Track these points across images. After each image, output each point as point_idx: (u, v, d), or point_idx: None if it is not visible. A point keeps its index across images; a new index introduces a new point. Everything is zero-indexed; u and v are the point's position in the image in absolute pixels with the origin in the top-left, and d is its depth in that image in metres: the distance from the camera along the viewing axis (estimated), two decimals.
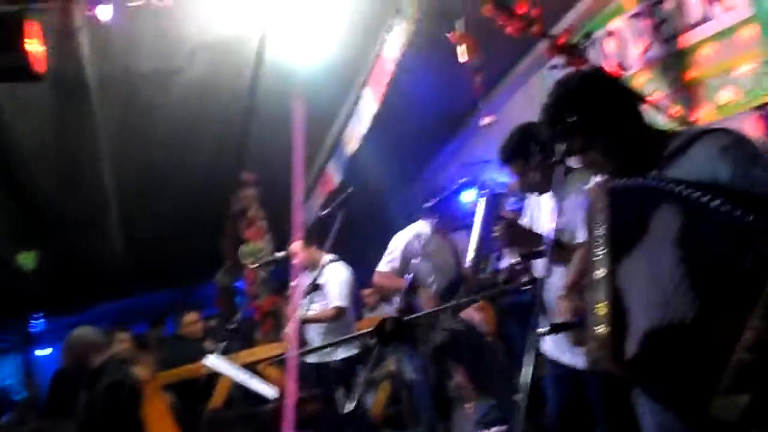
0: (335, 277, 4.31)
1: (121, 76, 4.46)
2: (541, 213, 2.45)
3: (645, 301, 1.43)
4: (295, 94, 4.79)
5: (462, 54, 3.96)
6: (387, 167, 5.98)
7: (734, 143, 1.46)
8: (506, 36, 4.05)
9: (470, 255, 2.43)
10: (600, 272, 1.52)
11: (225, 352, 3.79)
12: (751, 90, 4.09)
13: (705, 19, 4.21)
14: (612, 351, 1.48)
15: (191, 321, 5.49)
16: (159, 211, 6.25)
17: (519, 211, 2.71)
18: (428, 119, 5.90)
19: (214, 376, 4.55)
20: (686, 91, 4.47)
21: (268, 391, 3.57)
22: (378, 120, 5.16)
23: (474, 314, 3.69)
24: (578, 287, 1.63)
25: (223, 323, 6.36)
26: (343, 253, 4.24)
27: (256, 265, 5.49)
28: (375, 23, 4.54)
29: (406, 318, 1.87)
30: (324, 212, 3.36)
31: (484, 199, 2.54)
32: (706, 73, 4.34)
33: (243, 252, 6.16)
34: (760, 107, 4.07)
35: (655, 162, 1.54)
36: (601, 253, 1.53)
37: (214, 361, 3.61)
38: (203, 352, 4.44)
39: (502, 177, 6.39)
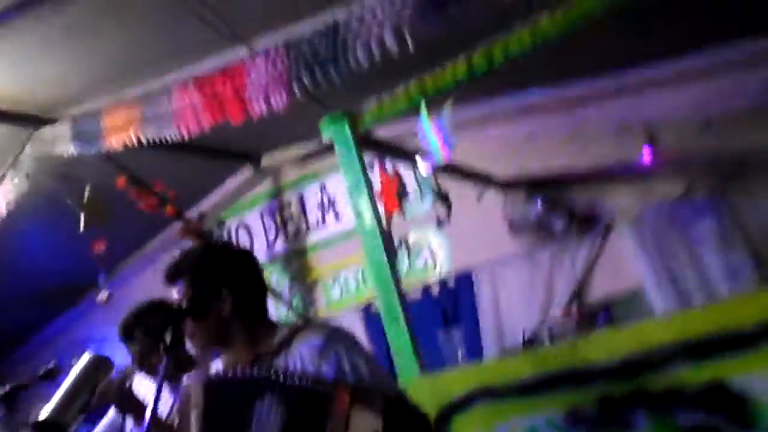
0: None
1: None
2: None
3: None
4: None
5: (83, 222, 3.65)
6: None
7: (335, 338, 1.56)
8: (138, 211, 3.93)
9: (50, 406, 1.93)
10: None
11: None
12: (356, 290, 4.72)
13: (321, 224, 4.83)
14: None
15: None
16: None
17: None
18: (36, 286, 5.15)
19: None
20: (305, 287, 4.91)
21: None
22: None
23: None
24: None
25: None
26: None
27: None
28: None
29: None
30: None
31: (89, 355, 2.16)
32: (321, 271, 4.88)
33: None
34: (361, 306, 4.70)
35: (260, 353, 1.54)
36: None
37: None
38: None
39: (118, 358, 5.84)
